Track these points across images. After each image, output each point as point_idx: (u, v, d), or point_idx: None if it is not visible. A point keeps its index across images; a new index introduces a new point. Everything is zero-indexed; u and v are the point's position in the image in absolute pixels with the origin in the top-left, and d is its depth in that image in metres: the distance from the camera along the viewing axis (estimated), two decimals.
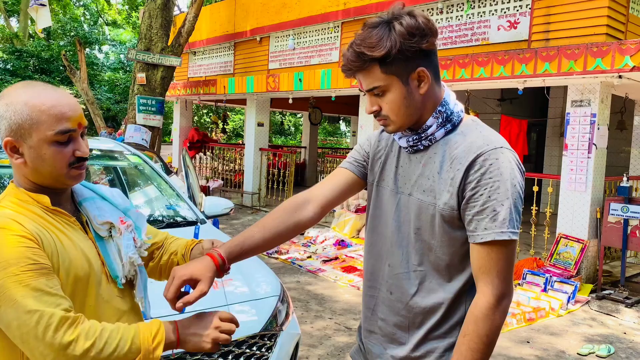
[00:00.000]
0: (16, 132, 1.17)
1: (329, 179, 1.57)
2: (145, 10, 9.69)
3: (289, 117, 27.30)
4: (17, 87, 1.21)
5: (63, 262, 1.17)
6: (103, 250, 1.30)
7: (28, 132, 1.17)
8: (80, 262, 1.21)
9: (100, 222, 1.30)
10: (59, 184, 1.25)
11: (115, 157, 3.72)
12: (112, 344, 1.11)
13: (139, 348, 1.13)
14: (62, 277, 1.16)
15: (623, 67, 5.22)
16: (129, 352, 1.12)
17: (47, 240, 1.16)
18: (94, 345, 1.08)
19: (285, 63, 10.18)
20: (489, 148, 1.28)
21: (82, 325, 1.09)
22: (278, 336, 2.52)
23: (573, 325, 4.93)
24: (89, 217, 1.31)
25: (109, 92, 22.65)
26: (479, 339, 1.26)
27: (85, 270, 1.22)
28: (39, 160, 1.19)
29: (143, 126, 9.44)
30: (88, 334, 1.09)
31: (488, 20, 6.98)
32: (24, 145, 1.18)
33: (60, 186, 1.26)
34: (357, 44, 1.29)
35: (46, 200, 1.22)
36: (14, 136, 1.18)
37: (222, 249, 1.34)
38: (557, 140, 10.43)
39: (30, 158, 1.19)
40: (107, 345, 1.10)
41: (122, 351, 1.11)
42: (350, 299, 5.36)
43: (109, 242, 1.32)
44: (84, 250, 1.24)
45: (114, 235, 1.32)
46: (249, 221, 9.38)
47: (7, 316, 1.07)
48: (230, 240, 1.39)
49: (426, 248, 1.37)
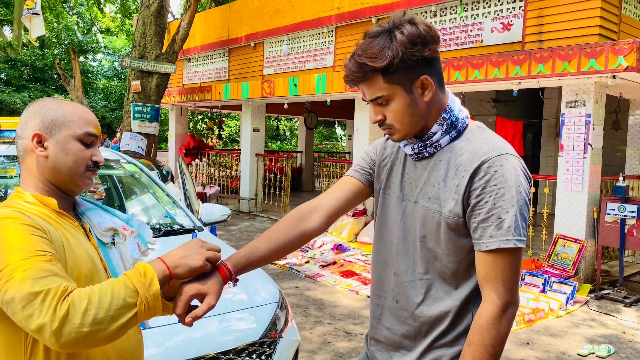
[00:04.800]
0: (47, 127, 1.29)
1: (335, 188, 1.56)
2: (139, 18, 9.69)
3: (284, 121, 27.31)
4: (49, 98, 1.38)
5: (69, 258, 1.21)
6: (105, 256, 1.34)
7: (59, 128, 1.30)
8: (85, 261, 1.24)
9: (104, 228, 1.37)
10: (72, 184, 1.32)
11: (111, 165, 3.70)
12: (107, 295, 1.08)
13: (134, 289, 1.11)
14: (67, 272, 1.18)
15: (617, 67, 5.24)
16: (126, 296, 1.10)
17: (55, 235, 1.20)
18: (90, 302, 1.06)
19: (280, 68, 10.18)
20: (493, 155, 1.27)
21: (72, 293, 1.07)
22: (277, 343, 2.51)
23: (573, 325, 4.92)
24: (92, 225, 1.37)
25: (104, 100, 22.61)
26: (484, 349, 1.24)
27: (89, 269, 1.25)
28: (62, 154, 1.29)
29: (139, 134, 9.42)
30: (80, 296, 1.06)
31: (482, 22, 7.01)
32: (50, 140, 1.29)
33: (72, 187, 1.33)
34: (359, 55, 1.28)
35: (53, 203, 1.28)
36: (44, 130, 1.29)
37: (229, 261, 1.34)
38: (553, 140, 10.46)
39: (54, 152, 1.29)
40: (102, 297, 1.07)
41: (120, 298, 1.09)
42: (350, 303, 5.34)
43: (111, 248, 1.37)
44: (88, 251, 1.28)
45: (117, 241, 1.38)
46: (246, 227, 9.35)
47: (13, 301, 1.06)
48: (236, 252, 1.39)
49: (432, 256, 1.36)
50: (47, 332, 1.04)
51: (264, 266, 1.52)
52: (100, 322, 1.06)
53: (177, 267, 1.21)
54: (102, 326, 1.06)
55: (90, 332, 1.05)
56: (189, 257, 1.22)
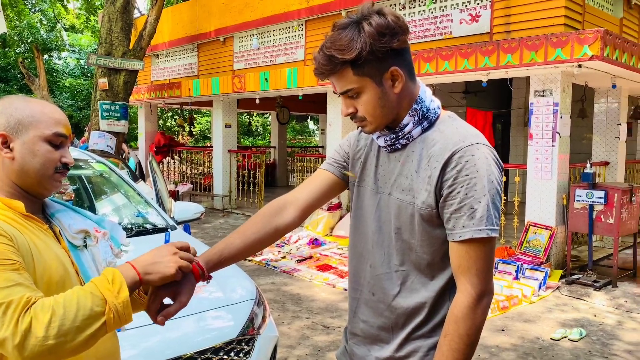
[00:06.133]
0: (13, 127, 1.23)
1: (309, 181, 1.54)
2: (105, 14, 9.48)
3: (256, 117, 27.13)
4: (16, 95, 1.31)
5: (38, 265, 1.15)
6: (77, 259, 1.29)
7: (26, 128, 1.23)
8: (55, 266, 1.19)
9: (75, 231, 1.31)
10: (40, 187, 1.26)
11: (79, 165, 3.62)
12: (72, 305, 1.03)
13: (102, 297, 1.07)
14: (37, 278, 1.13)
15: (582, 56, 5.35)
16: (93, 305, 1.05)
17: (21, 241, 1.14)
18: (54, 314, 1.01)
19: (250, 63, 10.10)
20: (464, 145, 1.27)
21: (35, 305, 1.02)
22: (256, 340, 2.49)
23: (546, 311, 5.03)
24: (62, 227, 1.31)
25: (71, 99, 22.09)
26: (460, 339, 1.24)
27: (60, 275, 1.19)
28: (30, 156, 1.23)
29: (107, 132, 9.24)
30: (44, 307, 1.01)
31: (450, 14, 7.06)
32: (16, 141, 1.23)
33: (41, 190, 1.27)
34: (327, 47, 1.26)
35: (20, 206, 1.22)
36: (9, 131, 1.23)
37: (201, 257, 1.32)
38: (522, 130, 10.64)
39: (20, 153, 1.22)
40: (67, 308, 1.02)
41: (86, 308, 1.04)
42: (327, 297, 5.35)
43: (83, 251, 1.31)
44: (58, 255, 1.22)
45: (89, 244, 1.32)
46: (221, 224, 9.28)
47: None
48: (209, 249, 1.37)
49: (407, 248, 1.35)
50: (9, 346, 0.99)
51: (239, 263, 1.51)
52: (65, 333, 1.01)
53: (149, 274, 1.17)
54: (69, 337, 1.02)
55: (56, 345, 1.00)
56: (161, 263, 1.18)
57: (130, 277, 1.14)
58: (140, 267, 1.17)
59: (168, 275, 1.18)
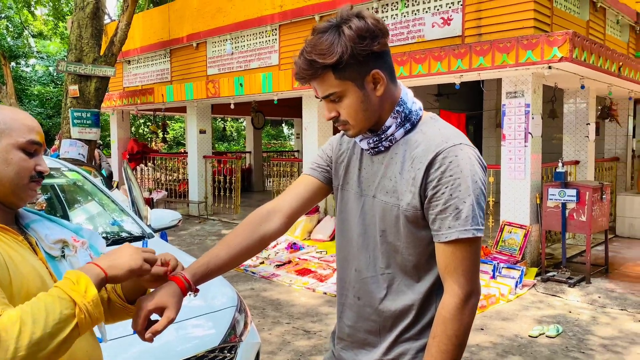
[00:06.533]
0: None
1: (293, 188, 1.53)
2: (74, 20, 9.30)
3: (231, 122, 26.96)
4: None
5: (14, 278, 1.11)
6: (55, 270, 1.25)
7: None
8: (32, 279, 1.15)
9: (52, 241, 1.26)
10: (15, 197, 1.22)
11: (51, 174, 3.54)
12: (40, 311, 1.00)
13: (70, 299, 1.03)
14: (14, 292, 1.09)
15: (552, 58, 5.47)
16: (62, 308, 1.02)
17: None
18: (24, 324, 0.97)
19: (224, 68, 10.04)
20: (447, 145, 1.27)
21: (1, 318, 0.98)
22: (238, 347, 2.46)
23: (523, 308, 5.11)
24: (38, 238, 1.26)
25: (40, 107, 21.62)
26: (449, 340, 1.24)
27: (38, 287, 1.15)
28: (3, 165, 1.18)
29: (79, 140, 9.06)
30: (11, 319, 0.97)
31: (422, 17, 7.14)
32: None
33: (15, 200, 1.23)
34: (308, 52, 1.25)
35: None
36: None
37: (187, 271, 1.30)
38: (494, 131, 10.81)
39: None
40: (35, 316, 0.99)
41: (55, 312, 1.01)
42: (307, 301, 5.33)
43: (61, 261, 1.27)
44: (35, 267, 1.18)
45: (68, 254, 1.28)
46: (197, 231, 9.18)
47: None
48: (195, 261, 1.34)
49: (392, 250, 1.35)
50: None
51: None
52: (38, 342, 0.98)
53: (113, 268, 1.14)
54: (42, 346, 0.99)
55: (29, 355, 0.97)
56: (125, 257, 1.17)
57: (94, 275, 1.11)
58: (103, 264, 1.14)
59: (135, 267, 1.17)
